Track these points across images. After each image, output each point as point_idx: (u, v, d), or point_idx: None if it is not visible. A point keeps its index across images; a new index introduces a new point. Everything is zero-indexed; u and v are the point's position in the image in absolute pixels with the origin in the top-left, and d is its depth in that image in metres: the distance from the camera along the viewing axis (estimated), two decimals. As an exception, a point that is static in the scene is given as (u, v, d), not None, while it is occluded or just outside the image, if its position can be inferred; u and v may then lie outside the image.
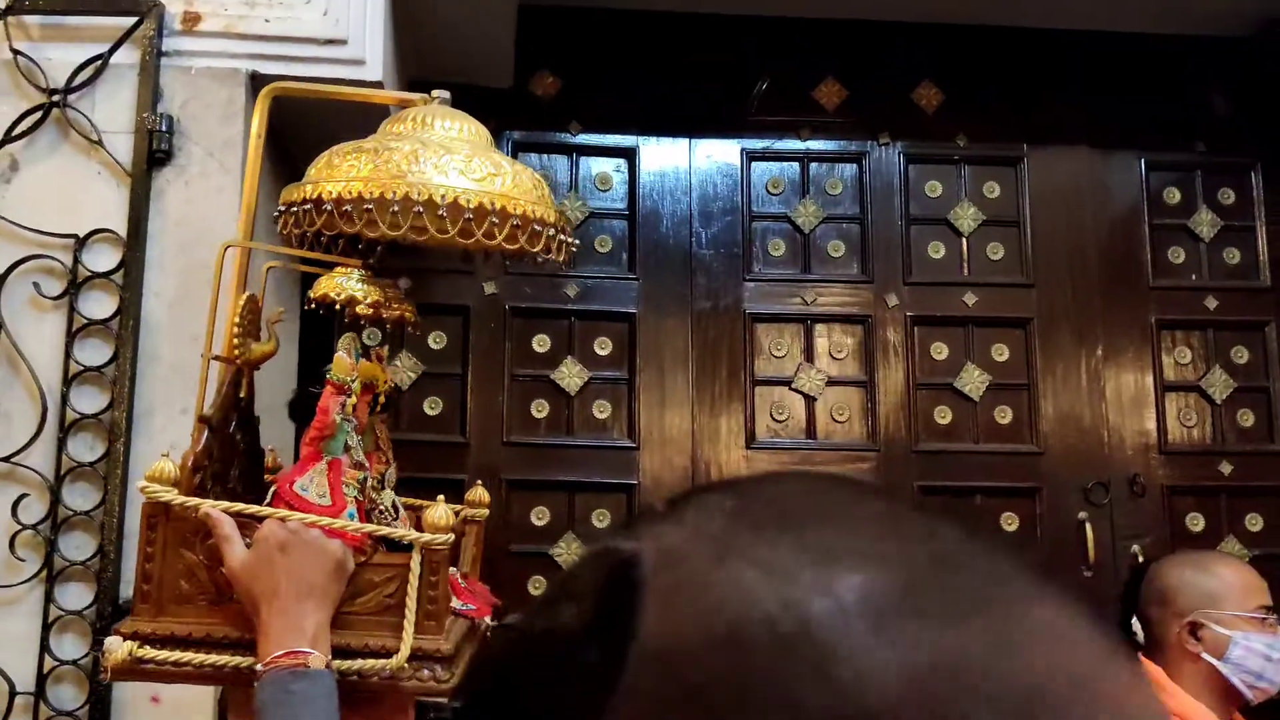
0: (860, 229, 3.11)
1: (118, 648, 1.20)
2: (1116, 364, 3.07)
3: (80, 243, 2.11)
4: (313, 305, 1.45)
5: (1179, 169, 3.22)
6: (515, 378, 2.94)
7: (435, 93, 1.43)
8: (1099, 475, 3.00)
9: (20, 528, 2.01)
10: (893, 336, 3.03)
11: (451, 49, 2.80)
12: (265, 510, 1.22)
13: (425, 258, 2.96)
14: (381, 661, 1.19)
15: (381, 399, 1.43)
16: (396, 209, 1.25)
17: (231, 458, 1.38)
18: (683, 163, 3.09)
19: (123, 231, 2.12)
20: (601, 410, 2.95)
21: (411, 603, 1.20)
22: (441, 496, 1.32)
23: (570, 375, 2.94)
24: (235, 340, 1.39)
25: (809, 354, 3.03)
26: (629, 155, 3.10)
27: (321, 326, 2.86)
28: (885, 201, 3.12)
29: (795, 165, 3.16)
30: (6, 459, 2.03)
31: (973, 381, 3.02)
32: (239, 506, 1.25)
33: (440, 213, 1.23)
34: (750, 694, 0.31)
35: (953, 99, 3.19)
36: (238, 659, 1.19)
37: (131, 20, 2.17)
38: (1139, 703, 0.33)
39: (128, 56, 2.18)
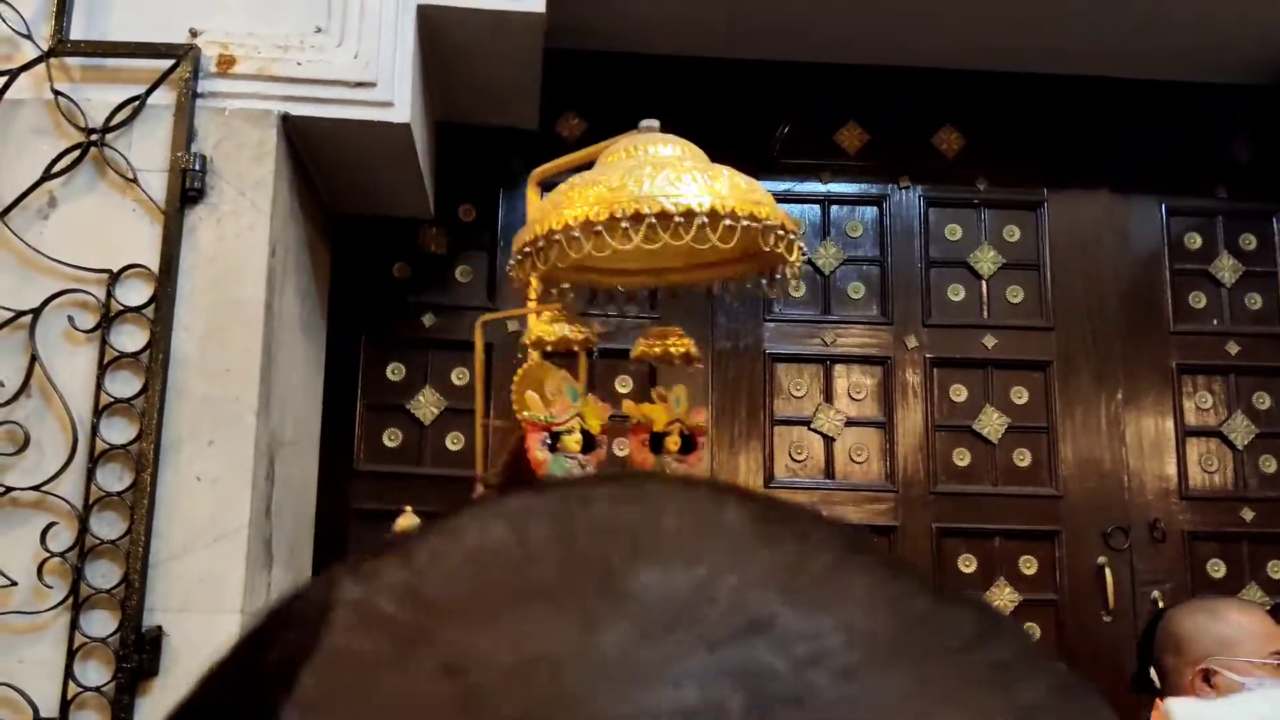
0: (880, 271, 3.14)
1: None
2: (1137, 408, 3.07)
3: (114, 278, 2.17)
4: (531, 349, 1.53)
5: (1200, 214, 3.23)
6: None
7: (644, 123, 1.49)
8: (1119, 520, 2.99)
9: (48, 555, 2.06)
10: (912, 378, 3.05)
11: (479, 91, 2.86)
12: None
13: (448, 293, 3.02)
14: None
15: (674, 440, 1.54)
16: (626, 225, 1.29)
17: None
18: (705, 204, 3.13)
19: (155, 267, 2.18)
20: (621, 448, 2.97)
21: None
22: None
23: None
24: (517, 407, 1.45)
25: (828, 394, 3.05)
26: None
27: (348, 350, 2.92)
28: (905, 244, 3.15)
29: (816, 208, 3.19)
30: (37, 488, 2.08)
31: (992, 424, 3.03)
32: None
33: (676, 220, 1.27)
34: None
35: (973, 143, 3.22)
36: None
37: (169, 63, 2.24)
38: None
39: (164, 98, 2.25)
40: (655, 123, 1.50)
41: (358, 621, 0.23)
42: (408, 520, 1.32)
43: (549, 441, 1.37)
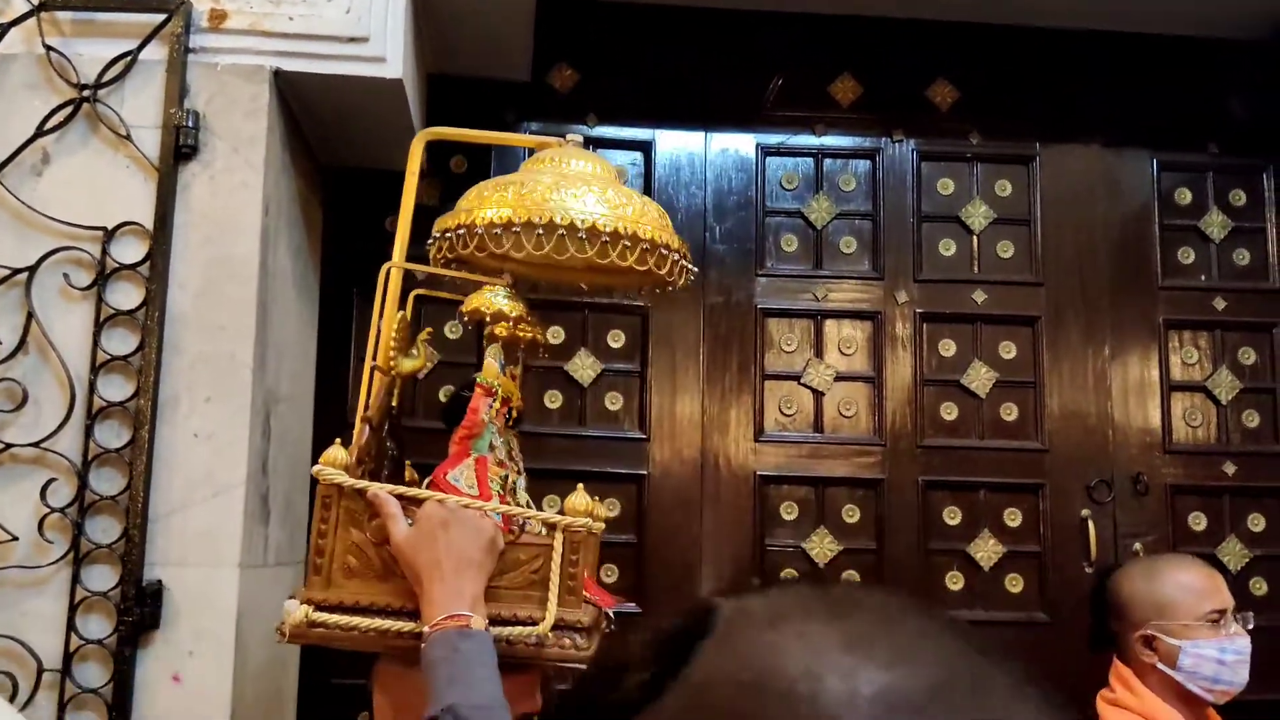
0: (872, 225, 3.15)
1: (295, 610, 1.35)
2: (1123, 363, 3.11)
3: (108, 235, 2.17)
4: (465, 320, 1.63)
5: (1191, 170, 3.24)
6: (530, 369, 2.99)
7: (570, 136, 1.63)
8: (1103, 473, 3.04)
9: (49, 511, 2.08)
10: (901, 333, 3.08)
11: (470, 43, 2.84)
12: (426, 493, 1.39)
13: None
14: (530, 629, 1.33)
15: (514, 415, 1.61)
16: (540, 232, 1.43)
17: (381, 459, 1.55)
18: (698, 157, 3.13)
19: (149, 224, 2.18)
20: (614, 402, 3.00)
21: (555, 578, 1.36)
22: (581, 485, 1.49)
23: (583, 367, 2.99)
24: (391, 354, 1.56)
25: (818, 349, 3.07)
26: (645, 149, 3.15)
27: (341, 305, 2.93)
28: (897, 198, 3.16)
29: (809, 161, 3.19)
30: (36, 444, 2.10)
31: (979, 378, 3.06)
32: (402, 489, 1.42)
33: (580, 235, 1.42)
34: None
35: (967, 97, 3.21)
36: (403, 624, 1.34)
37: (160, 17, 2.23)
38: None
39: (156, 53, 2.24)
40: (579, 136, 1.64)
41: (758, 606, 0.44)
42: (335, 451, 1.42)
43: (490, 405, 1.49)
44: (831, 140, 3.19)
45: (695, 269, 1.61)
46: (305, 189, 2.67)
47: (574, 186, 1.48)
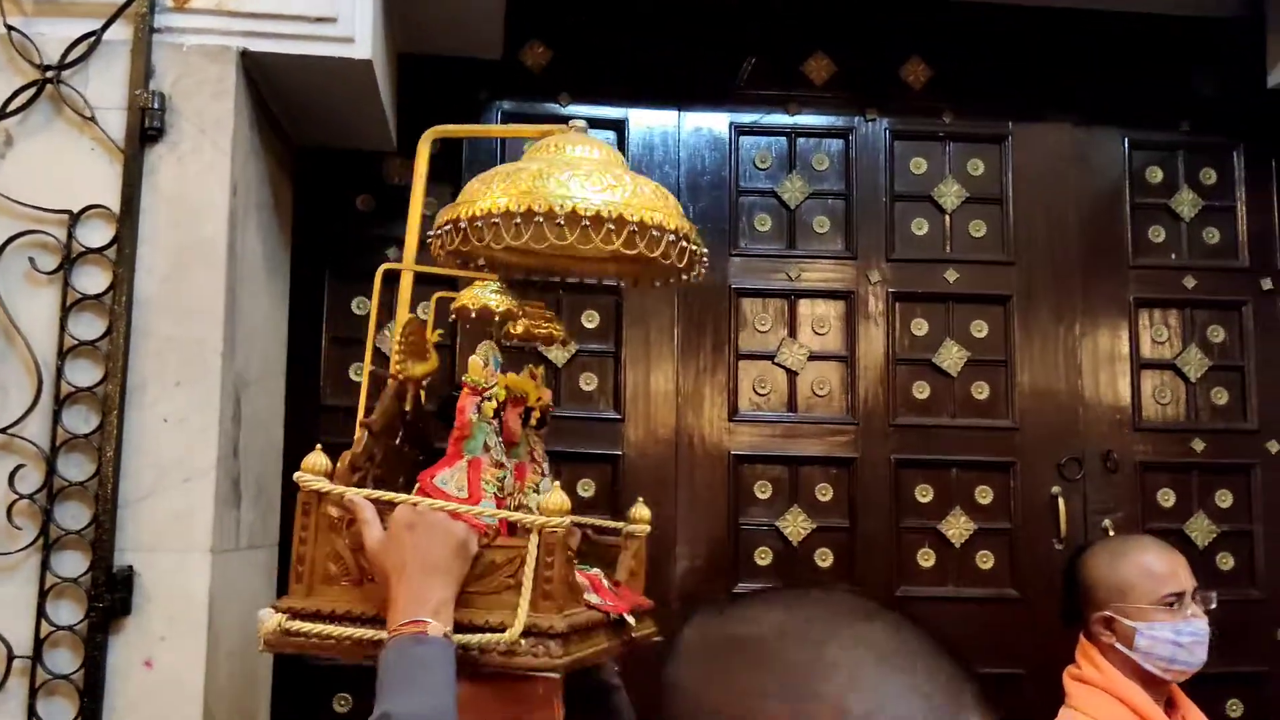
0: (845, 205, 3.15)
1: (268, 619, 1.34)
2: (1094, 341, 3.13)
3: (74, 218, 2.15)
4: (453, 319, 1.57)
5: (1162, 148, 3.25)
6: (504, 348, 2.98)
7: (573, 122, 1.58)
8: (1073, 451, 3.06)
9: (17, 497, 2.07)
10: (874, 312, 3.09)
11: (441, 21, 2.82)
12: (399, 496, 1.36)
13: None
14: (496, 636, 1.27)
15: (536, 414, 1.57)
16: (541, 221, 1.38)
17: (398, 467, 1.51)
18: (672, 136, 3.12)
19: (116, 208, 2.16)
20: (588, 382, 3.00)
21: (528, 582, 1.31)
22: (557, 484, 1.44)
23: (558, 348, 2.98)
24: (398, 359, 1.51)
25: (792, 329, 3.08)
26: (618, 127, 3.13)
27: (312, 286, 2.91)
28: (870, 177, 3.16)
29: (783, 140, 3.18)
30: (3, 430, 2.09)
31: (951, 357, 3.08)
32: (379, 494, 1.38)
33: (558, 222, 1.37)
34: None
35: (940, 75, 3.21)
36: (374, 632, 1.30)
37: (124, -3, 2.20)
38: None
39: (120, 33, 2.21)
40: (583, 123, 1.59)
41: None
42: (316, 458, 1.41)
43: (478, 405, 1.44)
44: (805, 119, 3.18)
45: (704, 251, 1.52)
46: (275, 170, 2.64)
47: (577, 173, 1.42)
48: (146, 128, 2.18)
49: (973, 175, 3.18)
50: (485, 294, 1.52)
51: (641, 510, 1.69)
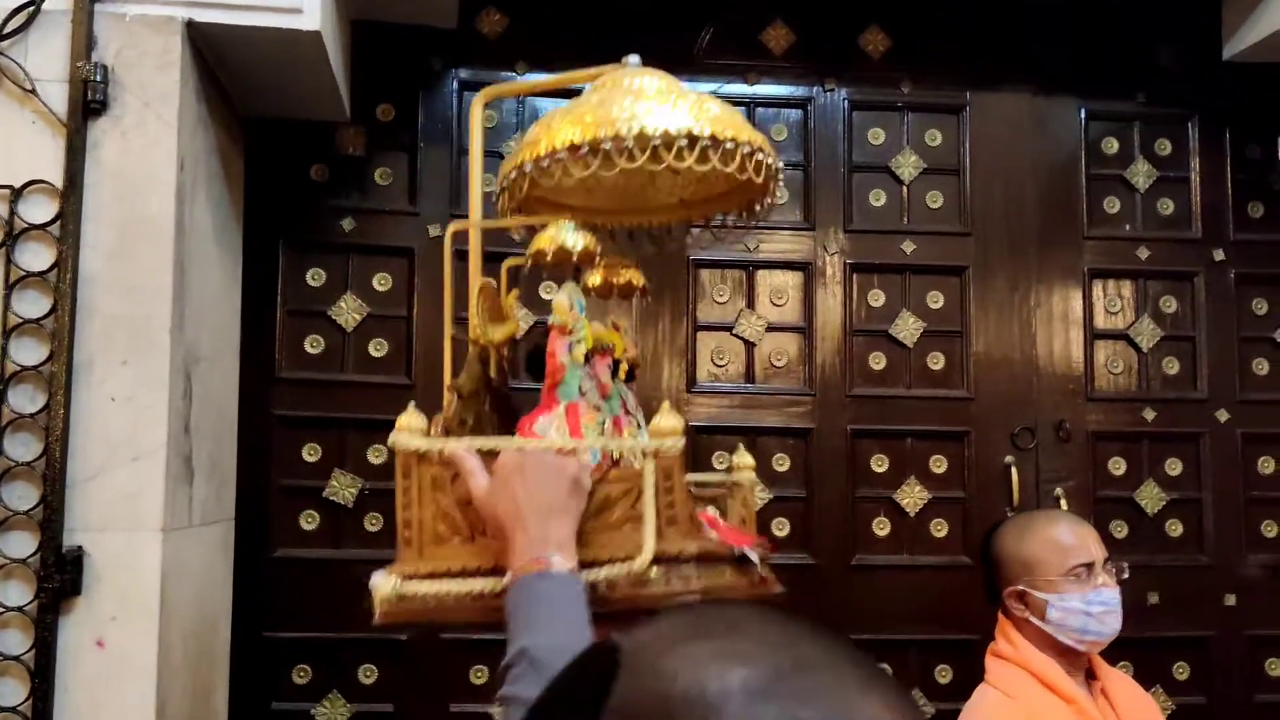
0: (804, 175, 3.14)
1: (384, 585, 1.27)
2: (1048, 312, 3.15)
3: (16, 194, 2.12)
4: (531, 266, 1.46)
5: (1118, 119, 3.26)
6: (461, 320, 2.97)
7: (626, 59, 1.50)
8: (1027, 420, 3.09)
9: (-37, 478, 2.05)
10: (831, 283, 3.09)
11: (395, -11, 2.77)
12: (503, 441, 1.31)
13: (368, 196, 2.97)
14: (625, 566, 1.21)
15: (624, 367, 1.53)
16: (586, 153, 1.30)
17: (485, 432, 1.45)
18: (629, 105, 3.09)
19: (59, 183, 2.12)
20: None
21: (649, 509, 1.24)
22: (667, 404, 1.36)
23: (518, 319, 2.97)
24: (477, 323, 1.43)
25: (750, 300, 3.08)
26: (575, 97, 3.10)
27: (266, 257, 2.88)
28: (829, 148, 3.15)
29: (742, 110, 3.15)
30: (-53, 410, 2.06)
31: (907, 328, 3.09)
32: (480, 441, 1.32)
33: (627, 146, 1.29)
34: None
35: (899, 44, 3.20)
36: (495, 582, 1.24)
37: (63, -34, 2.15)
38: None
39: (60, 3, 2.17)
40: (636, 58, 1.50)
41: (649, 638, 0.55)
42: (411, 416, 1.35)
43: (569, 348, 1.40)
44: (764, 89, 3.17)
45: (780, 165, 1.45)
46: (225, 141, 2.61)
47: (641, 99, 1.34)
48: (89, 101, 2.14)
49: (930, 146, 3.18)
50: (561, 234, 1.47)
51: (744, 457, 1.65)
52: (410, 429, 1.33)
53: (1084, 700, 1.93)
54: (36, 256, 2.12)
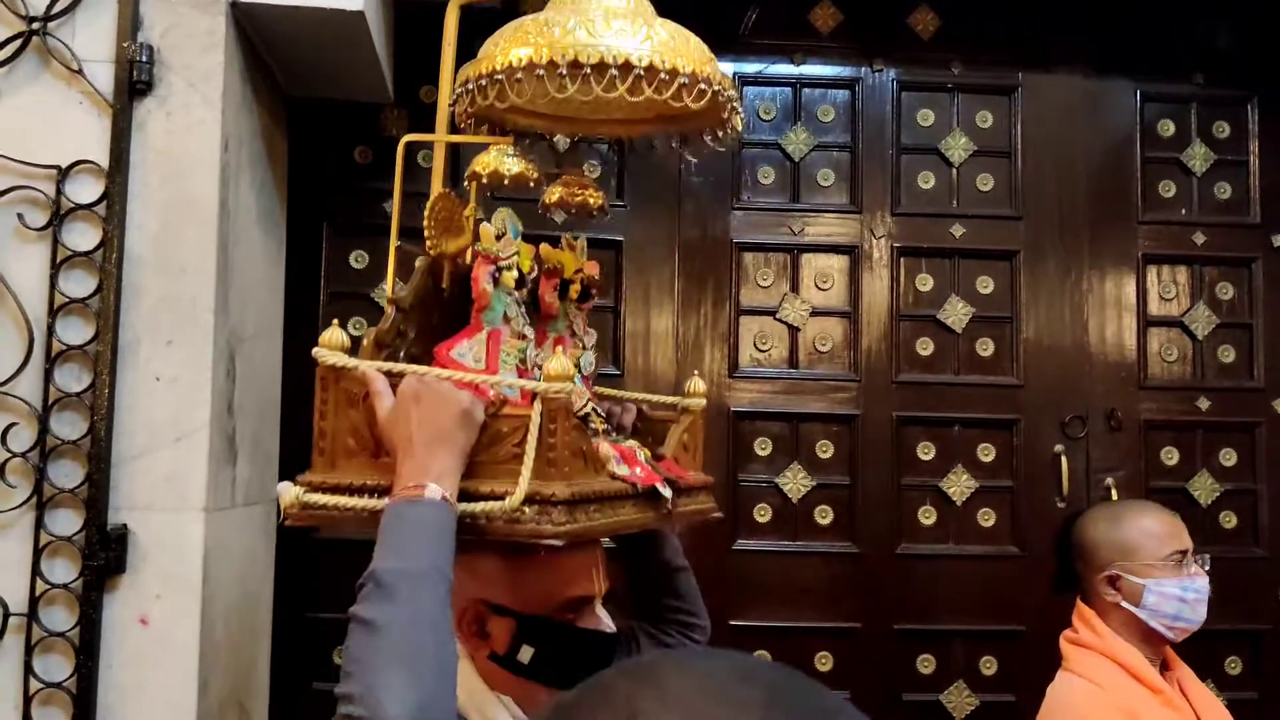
0: (850, 157, 3.10)
1: (287, 492, 1.32)
2: (1101, 298, 3.09)
3: (63, 174, 2.12)
4: (469, 183, 1.51)
5: (1175, 101, 3.18)
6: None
7: None
8: (1077, 409, 3.04)
9: (10, 455, 2.07)
10: (878, 267, 3.05)
11: (439, -31, 2.75)
12: (408, 367, 1.34)
13: (411, 178, 2.96)
14: (497, 504, 1.25)
15: (576, 287, 1.54)
16: (564, 73, 1.30)
17: (427, 346, 1.46)
18: (674, 87, 3.06)
19: (104, 163, 2.13)
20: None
21: (530, 449, 1.27)
22: (560, 350, 1.38)
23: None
24: (430, 234, 1.44)
25: (794, 284, 3.05)
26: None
27: (310, 240, 2.89)
28: (876, 130, 3.10)
29: (787, 91, 3.13)
30: (-5, 388, 2.08)
31: (956, 313, 3.04)
32: (390, 365, 1.35)
33: (584, 72, 1.29)
34: None
35: (949, 24, 3.14)
36: (385, 501, 1.27)
37: (110, -54, 2.15)
38: None
39: (107, -17, 2.16)
40: None
41: None
42: (333, 333, 1.38)
43: (495, 274, 1.40)
44: (810, 70, 3.12)
45: (738, 104, 1.46)
46: (268, 122, 2.61)
47: (604, 20, 1.33)
48: (135, 81, 2.14)
49: (981, 127, 3.12)
50: (498, 158, 1.46)
51: (696, 384, 1.65)
52: (330, 344, 1.36)
53: (1170, 691, 1.91)
54: (83, 236, 2.13)
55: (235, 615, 2.36)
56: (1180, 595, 1.92)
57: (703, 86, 1.36)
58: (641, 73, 1.31)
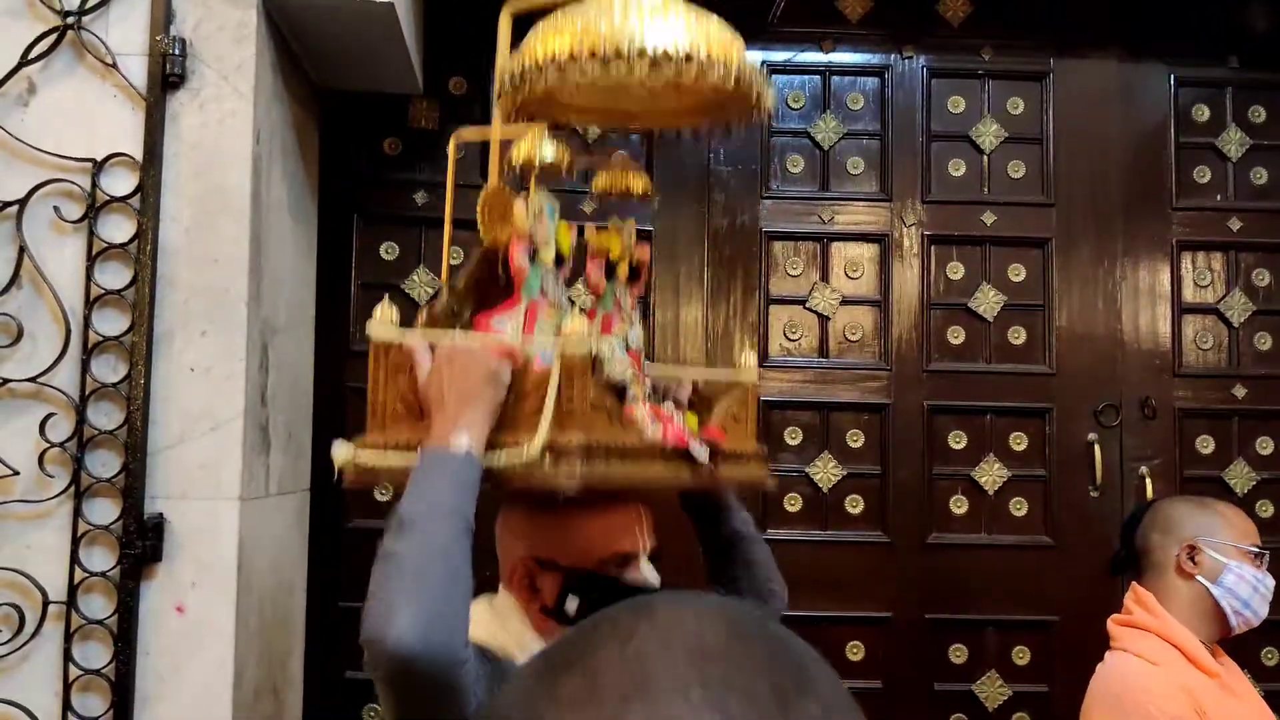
0: (880, 145, 3.08)
1: (341, 450, 1.42)
2: (1135, 285, 3.06)
3: (98, 167, 2.14)
4: (516, 173, 1.57)
5: (1210, 85, 3.14)
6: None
7: None
8: (1111, 397, 3.01)
9: (48, 445, 2.09)
10: (909, 255, 3.03)
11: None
12: (446, 336, 1.44)
13: (441, 169, 2.97)
14: (515, 450, 1.33)
15: (623, 268, 1.62)
16: (605, 62, 1.33)
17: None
18: (702, 76, 3.06)
19: (139, 156, 2.15)
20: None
21: (549, 403, 1.35)
22: (578, 309, 1.51)
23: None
24: (483, 225, 1.53)
25: (824, 273, 3.04)
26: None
27: (340, 231, 2.91)
28: (906, 117, 3.08)
29: (817, 79, 3.11)
30: (33, 379, 2.10)
31: (988, 302, 3.02)
32: (433, 334, 1.45)
33: (625, 61, 1.32)
34: None
35: (980, 10, 3.11)
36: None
37: (142, -60, 2.16)
38: None
39: (139, -23, 2.18)
40: None
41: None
42: (385, 308, 1.47)
43: (531, 252, 1.46)
44: (839, 57, 3.11)
45: (769, 92, 1.47)
46: (300, 114, 2.62)
47: (639, 11, 1.36)
48: (168, 74, 2.16)
49: (1012, 114, 3.10)
50: (534, 146, 1.51)
51: (748, 357, 1.69)
52: (383, 321, 1.46)
53: (1226, 675, 1.91)
54: (118, 228, 2.15)
55: (269, 604, 2.38)
56: (1255, 585, 1.92)
57: (732, 70, 1.38)
58: (669, 59, 1.32)
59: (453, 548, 1.23)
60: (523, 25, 1.55)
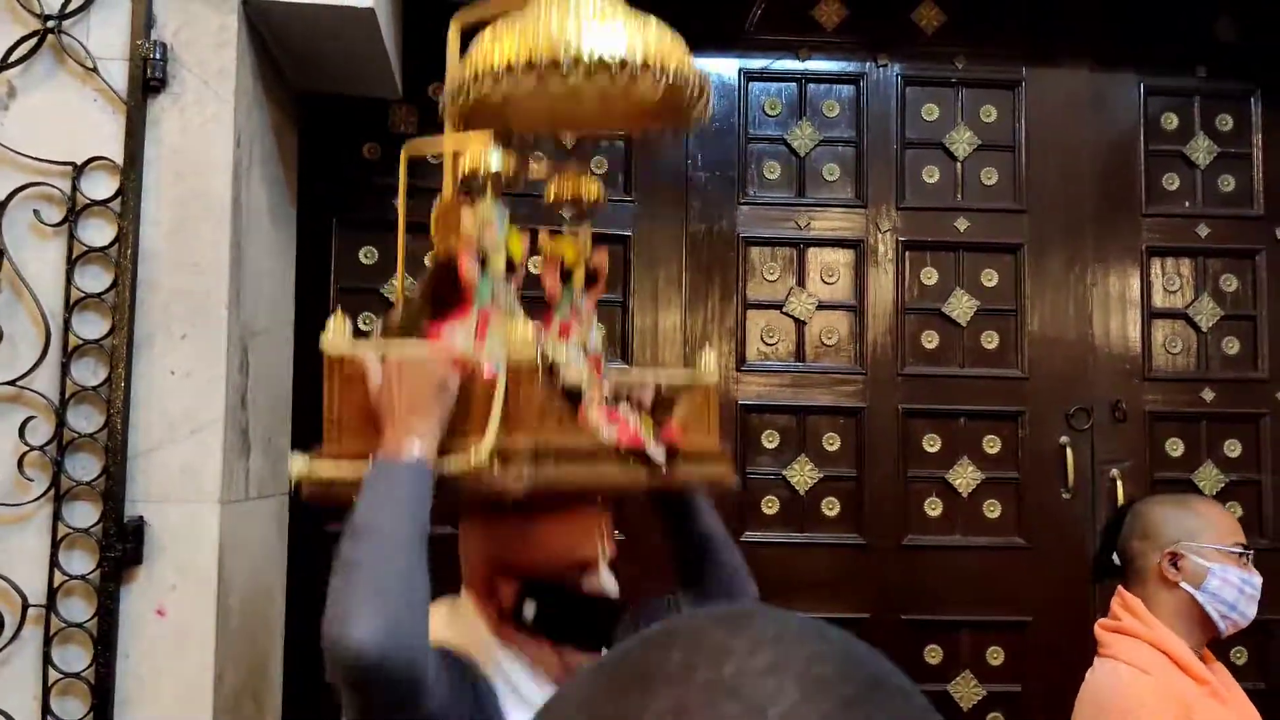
0: (855, 152, 3.12)
1: (297, 462, 1.47)
2: (1105, 290, 3.10)
3: (78, 170, 2.15)
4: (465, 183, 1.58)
5: (1178, 94, 3.20)
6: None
7: None
8: (1082, 401, 3.05)
9: (28, 449, 2.10)
10: (884, 261, 3.07)
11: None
12: (394, 347, 1.46)
13: (419, 174, 2.98)
14: (464, 456, 1.36)
15: (579, 274, 1.63)
16: (521, 72, 1.36)
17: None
18: (680, 82, 3.08)
19: (119, 160, 2.15)
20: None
21: (496, 409, 1.38)
22: (523, 315, 1.51)
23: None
24: (437, 237, 1.56)
25: (800, 278, 3.07)
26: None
27: (320, 235, 2.91)
28: (881, 124, 3.12)
29: (793, 86, 3.15)
30: (12, 383, 2.10)
31: (961, 306, 3.06)
32: (379, 348, 1.47)
33: (563, 71, 1.36)
34: None
35: (954, 19, 3.16)
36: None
37: (123, -55, 2.17)
38: None
39: (120, -18, 2.19)
40: None
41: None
42: (337, 322, 1.50)
43: (480, 261, 1.48)
44: (815, 65, 3.14)
45: (711, 98, 1.52)
46: (280, 118, 2.63)
47: (561, 17, 1.38)
48: (149, 78, 2.17)
49: (985, 122, 3.14)
50: (482, 156, 1.52)
51: (707, 359, 1.70)
52: (336, 334, 1.48)
53: (1215, 683, 1.89)
54: (98, 232, 2.15)
55: (250, 607, 2.39)
56: (1240, 587, 1.89)
57: (680, 82, 1.42)
58: (605, 65, 1.36)
59: (409, 552, 1.26)
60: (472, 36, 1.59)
